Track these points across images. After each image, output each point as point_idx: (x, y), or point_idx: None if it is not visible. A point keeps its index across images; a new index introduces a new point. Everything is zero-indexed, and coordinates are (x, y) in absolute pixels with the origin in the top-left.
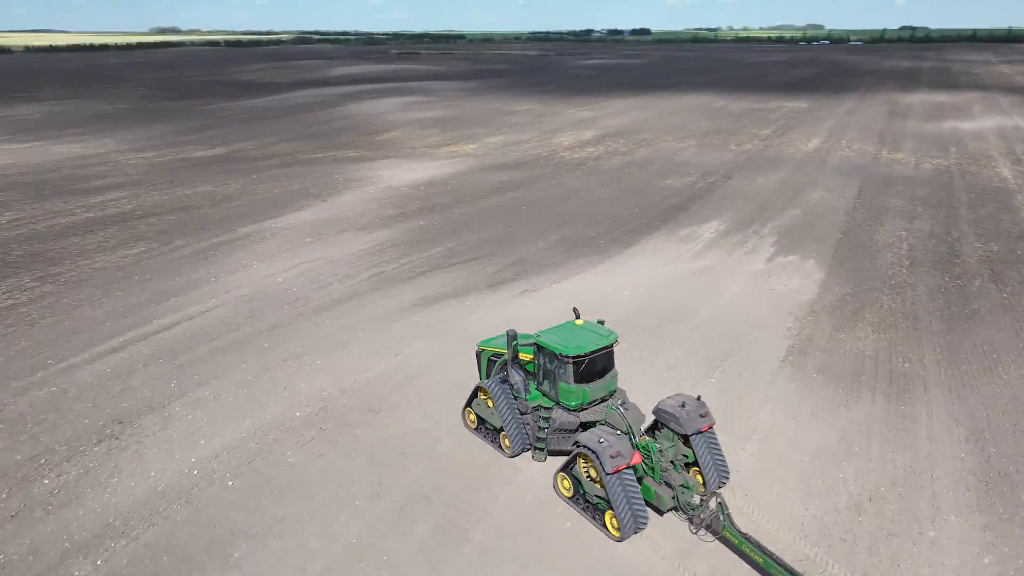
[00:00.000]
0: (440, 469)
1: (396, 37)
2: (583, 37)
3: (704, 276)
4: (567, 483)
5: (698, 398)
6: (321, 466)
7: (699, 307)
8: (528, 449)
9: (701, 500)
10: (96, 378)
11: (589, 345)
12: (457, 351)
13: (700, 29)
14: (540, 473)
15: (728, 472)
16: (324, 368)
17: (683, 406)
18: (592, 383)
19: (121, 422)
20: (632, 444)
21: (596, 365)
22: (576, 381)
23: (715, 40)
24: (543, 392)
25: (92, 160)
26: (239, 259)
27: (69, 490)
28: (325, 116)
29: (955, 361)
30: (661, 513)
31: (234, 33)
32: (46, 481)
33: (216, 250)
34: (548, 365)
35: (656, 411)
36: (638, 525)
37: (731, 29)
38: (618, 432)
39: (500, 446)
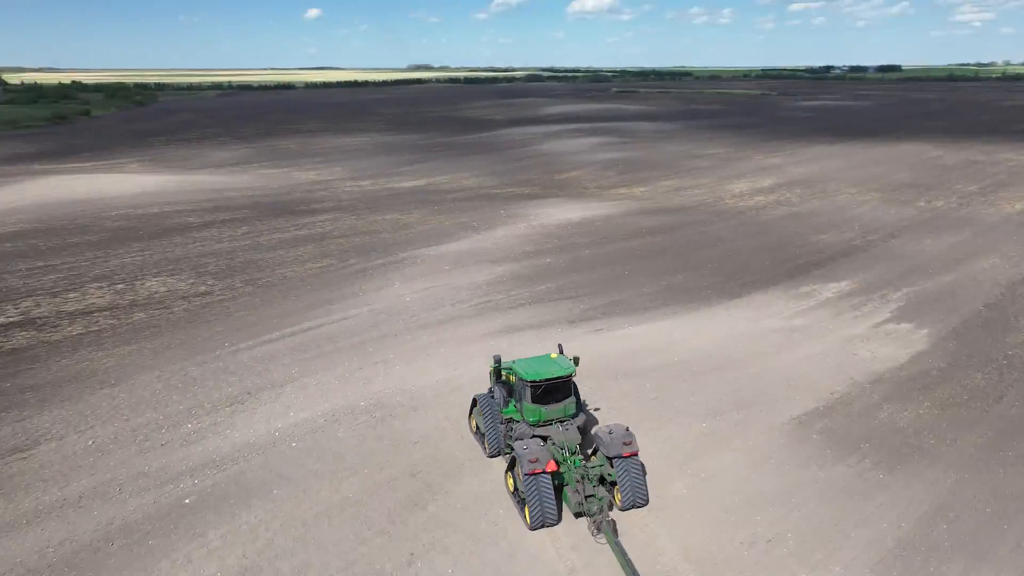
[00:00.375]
0: (434, 457)
1: (622, 74)
2: (820, 75)
3: (791, 334)
4: (511, 481)
5: (627, 429)
6: (356, 442)
7: (755, 362)
8: (502, 452)
9: (599, 509)
10: (249, 360)
11: (547, 374)
12: None
13: (966, 65)
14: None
15: (644, 495)
16: (400, 372)
17: (610, 433)
18: (548, 405)
19: (249, 393)
20: (557, 456)
21: (553, 391)
22: (533, 401)
23: (976, 78)
24: (515, 407)
25: (319, 186)
26: (387, 279)
27: (199, 433)
28: (521, 154)
29: (997, 446)
30: (575, 515)
31: (477, 70)
32: (188, 426)
33: (375, 270)
34: (516, 386)
35: (592, 435)
36: (546, 520)
37: (1007, 64)
38: (555, 444)
39: (483, 447)
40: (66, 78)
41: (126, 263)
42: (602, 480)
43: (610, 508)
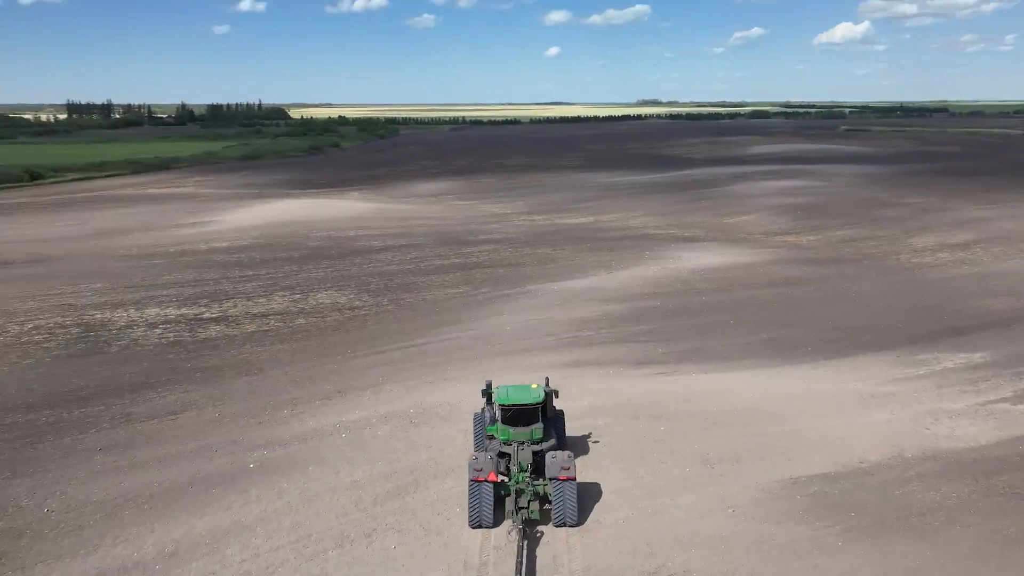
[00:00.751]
0: (435, 460)
1: (863, 110)
2: None
3: (868, 399)
4: None
5: (568, 455)
6: (385, 440)
7: (797, 421)
8: None
9: (523, 519)
10: (356, 366)
11: (515, 400)
12: None
13: None
14: None
15: (574, 516)
16: (455, 389)
17: (554, 458)
18: (516, 427)
19: (340, 392)
20: (500, 468)
21: (520, 415)
22: (503, 422)
23: None
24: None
25: (495, 219)
26: (500, 308)
27: (288, 418)
28: (702, 195)
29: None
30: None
31: (705, 105)
32: (285, 411)
33: (498, 299)
34: (493, 408)
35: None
36: (482, 520)
37: None
38: (507, 458)
39: None
40: (336, 112)
41: (310, 277)
42: (544, 498)
43: (532, 524)
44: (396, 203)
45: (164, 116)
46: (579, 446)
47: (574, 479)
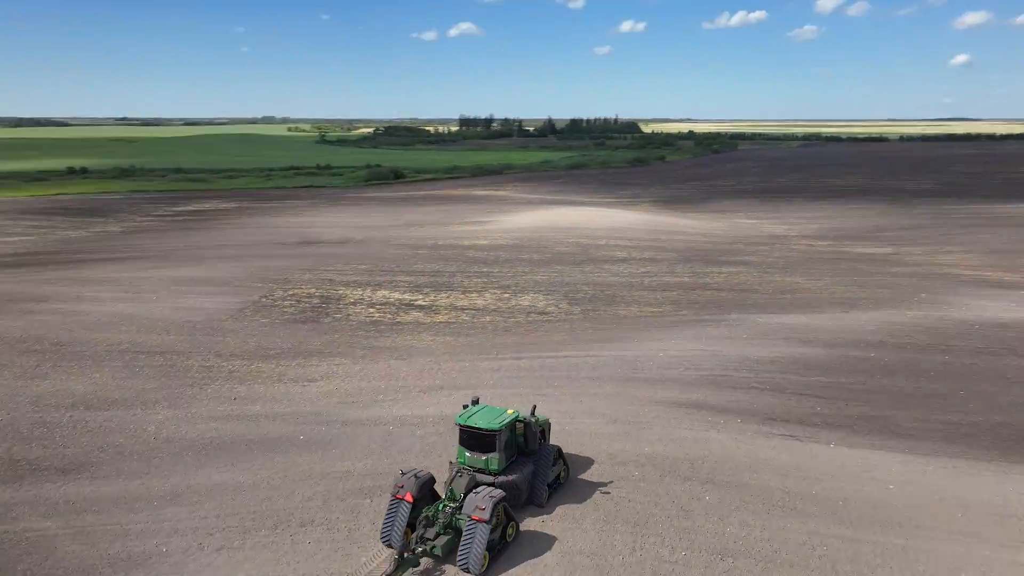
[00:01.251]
0: (420, 465)
1: None
2: None
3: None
4: None
5: (489, 496)
6: (406, 439)
7: (927, 538)
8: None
9: (421, 551)
10: (484, 368)
11: (471, 422)
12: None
13: None
14: None
15: (476, 565)
16: (531, 403)
17: (476, 493)
18: (471, 452)
19: (442, 387)
20: (423, 489)
21: (475, 440)
22: (460, 443)
23: None
24: None
25: (768, 240)
26: (680, 333)
27: (381, 403)
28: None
29: None
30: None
31: None
32: (384, 397)
33: (687, 324)
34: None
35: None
36: (391, 539)
37: None
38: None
39: None
40: (692, 127)
41: (529, 279)
42: (459, 531)
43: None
44: (677, 217)
45: (530, 129)
46: (587, 494)
47: (486, 522)
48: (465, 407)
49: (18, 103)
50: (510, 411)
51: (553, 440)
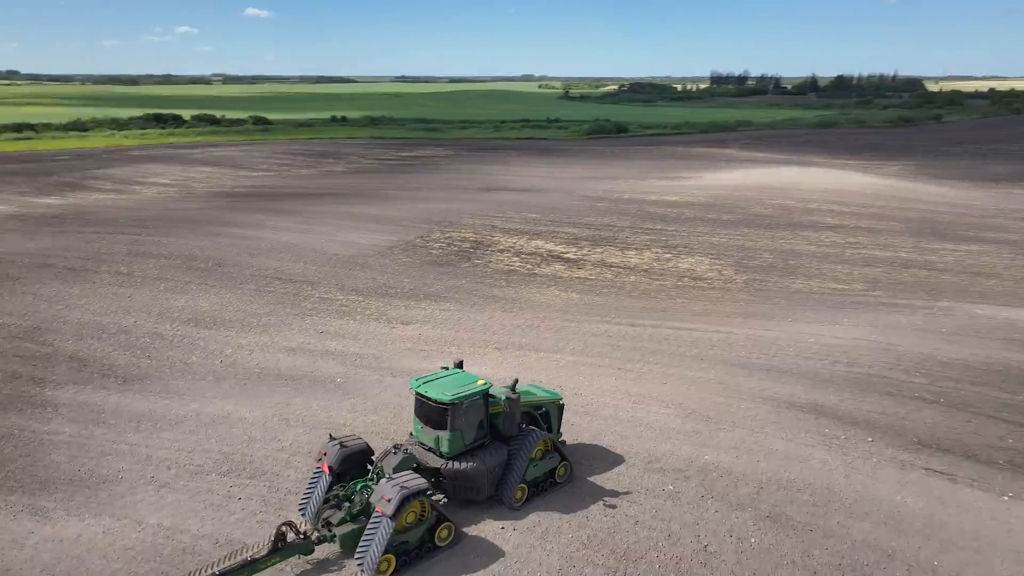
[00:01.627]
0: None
1: None
2: None
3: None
4: None
5: (400, 488)
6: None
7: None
8: None
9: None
10: (594, 332)
11: (425, 390)
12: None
13: None
14: None
15: (371, 564)
16: (609, 382)
17: (389, 480)
18: (425, 426)
19: (498, 348)
20: (349, 462)
21: (427, 412)
22: (415, 412)
23: None
24: None
25: (979, 212)
26: (857, 317)
27: (407, 357)
28: None
29: None
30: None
31: None
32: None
33: (881, 308)
34: None
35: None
36: (307, 510)
37: None
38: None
39: None
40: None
41: (702, 241)
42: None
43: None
44: (926, 184)
45: (787, 87)
46: (584, 503)
47: (390, 517)
48: (445, 368)
49: (319, 62)
50: (481, 381)
51: (587, 428)
